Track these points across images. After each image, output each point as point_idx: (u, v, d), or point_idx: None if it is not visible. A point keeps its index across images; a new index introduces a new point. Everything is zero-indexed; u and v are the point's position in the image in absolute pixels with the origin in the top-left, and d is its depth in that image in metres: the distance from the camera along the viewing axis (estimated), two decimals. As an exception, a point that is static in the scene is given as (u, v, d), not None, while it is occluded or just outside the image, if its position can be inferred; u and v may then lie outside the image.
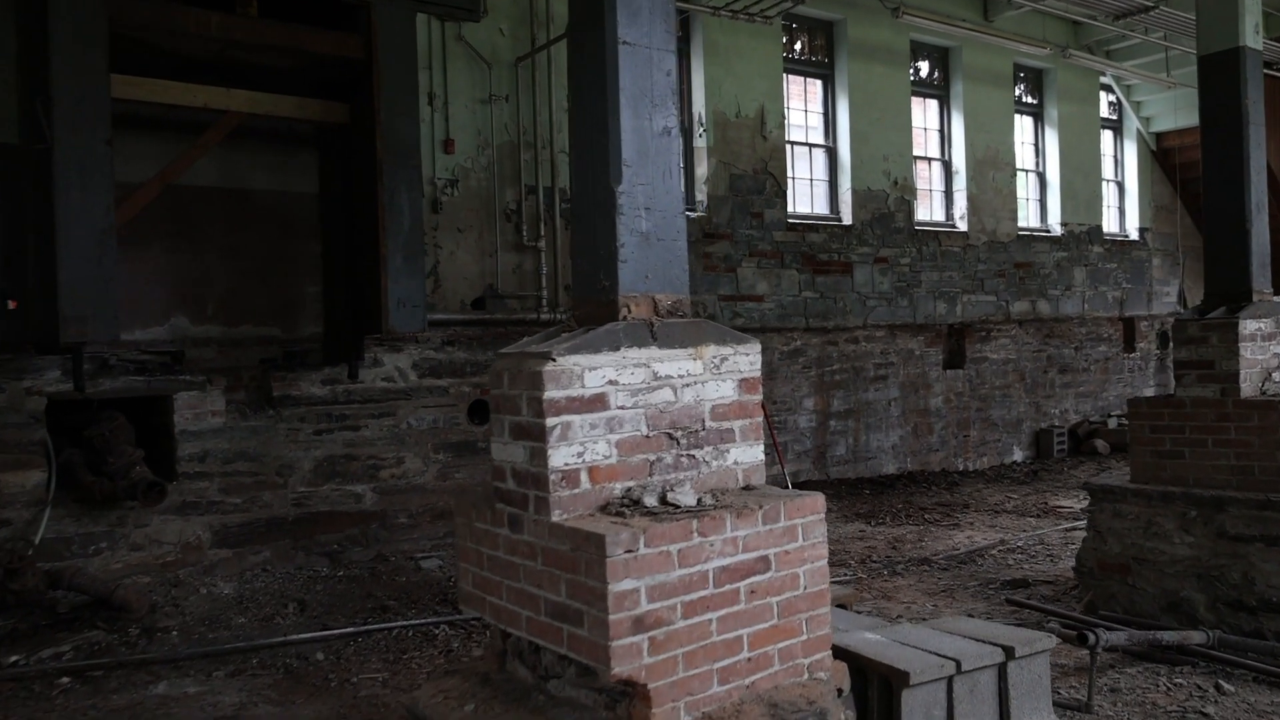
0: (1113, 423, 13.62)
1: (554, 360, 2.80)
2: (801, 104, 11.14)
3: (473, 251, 8.19)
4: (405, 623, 5.56)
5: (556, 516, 2.80)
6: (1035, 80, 13.90)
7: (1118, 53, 13.66)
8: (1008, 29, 12.10)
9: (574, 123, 3.22)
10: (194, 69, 6.28)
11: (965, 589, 6.56)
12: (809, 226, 10.69)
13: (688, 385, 3.08)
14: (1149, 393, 14.74)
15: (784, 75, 10.62)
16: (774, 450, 9.87)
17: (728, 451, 3.18)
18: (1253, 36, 5.76)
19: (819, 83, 11.24)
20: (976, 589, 6.55)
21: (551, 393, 2.79)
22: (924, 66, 12.47)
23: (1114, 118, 15.28)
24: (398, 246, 6.31)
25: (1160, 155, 15.45)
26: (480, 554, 3.12)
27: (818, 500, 3.10)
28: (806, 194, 11.09)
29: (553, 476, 2.79)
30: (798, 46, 11.10)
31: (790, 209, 10.65)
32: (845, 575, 6.99)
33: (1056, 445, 13.06)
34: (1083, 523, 7.60)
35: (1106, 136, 15.15)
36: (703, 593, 2.79)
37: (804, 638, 3.02)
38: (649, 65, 3.08)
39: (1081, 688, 4.67)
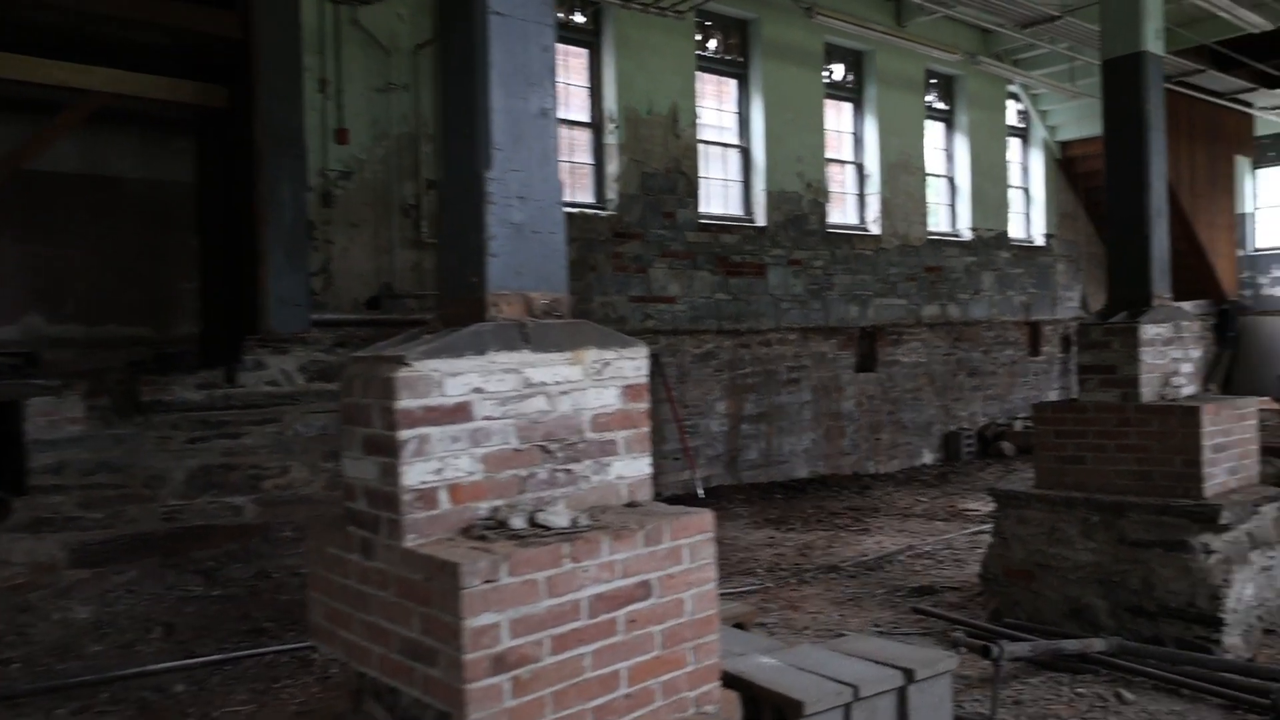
0: (1018, 425, 13.80)
1: (408, 365, 2.50)
2: (715, 103, 10.98)
3: (368, 248, 7.79)
4: (279, 647, 5.16)
5: (410, 541, 2.50)
6: (946, 87, 14.01)
7: (1025, 62, 13.85)
8: (920, 34, 12.14)
9: (442, 102, 2.92)
10: (55, 44, 5.76)
11: (873, 597, 6.43)
12: (722, 227, 10.52)
13: (565, 393, 2.81)
14: (1053, 395, 15.00)
15: (697, 73, 10.43)
16: (684, 455, 9.67)
17: (610, 465, 2.92)
18: (1154, 42, 5.74)
19: (733, 82, 11.09)
20: (884, 597, 6.42)
21: (406, 402, 2.49)
22: (838, 69, 12.43)
23: (1021, 126, 15.52)
24: (279, 241, 5.90)
25: (1065, 164, 15.74)
26: (331, 582, 2.80)
27: (704, 519, 2.86)
28: (720, 194, 10.92)
29: (406, 496, 2.49)
30: (711, 44, 10.93)
31: (703, 209, 10.47)
32: (753, 585, 6.80)
33: (965, 447, 13.16)
34: (990, 526, 7.57)
35: (1014, 144, 15.37)
36: (575, 624, 2.52)
37: (690, 668, 2.78)
38: (524, 39, 2.80)
39: (986, 700, 4.54)
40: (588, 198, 9.54)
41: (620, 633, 2.62)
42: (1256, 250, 19.44)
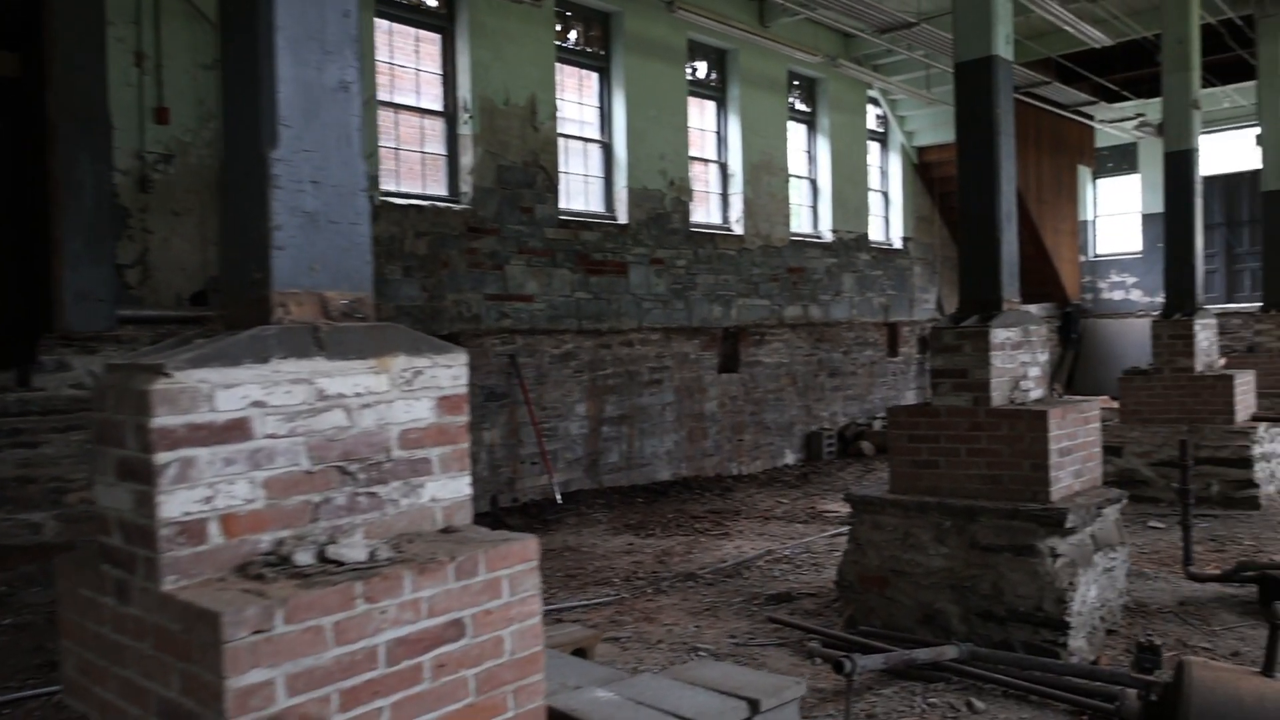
0: (878, 425, 14.04)
1: (168, 375, 2.10)
2: (577, 96, 10.69)
3: (193, 238, 7.16)
4: (69, 684, 4.59)
5: (169, 584, 2.11)
6: (808, 89, 14.13)
7: (884, 68, 14.10)
8: (783, 35, 12.15)
9: (224, 71, 2.52)
10: None
11: (730, 606, 6.26)
12: (583, 224, 10.24)
13: (368, 406, 2.46)
14: (910, 395, 15.35)
15: (557, 65, 10.12)
16: (542, 459, 9.35)
17: (422, 487, 2.59)
18: (1004, 47, 5.76)
19: (595, 76, 10.82)
20: (741, 605, 6.26)
21: (164, 419, 2.10)
22: (701, 67, 12.33)
23: (880, 130, 15.82)
24: (77, 228, 5.28)
25: (921, 168, 16.14)
26: (85, 629, 2.37)
27: (527, 546, 2.56)
28: (581, 190, 10.64)
29: (165, 530, 2.10)
30: (572, 36, 10.64)
31: (563, 205, 10.16)
32: (608, 596, 6.55)
33: (826, 447, 13.29)
34: (848, 529, 7.55)
35: (874, 148, 15.66)
36: (370, 674, 2.18)
37: (510, 714, 2.47)
38: (319, 1, 2.43)
39: (839, 715, 4.40)
40: (440, 190, 9.10)
41: (426, 680, 2.29)
42: (1097, 256, 20.47)
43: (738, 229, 12.46)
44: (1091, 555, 5.16)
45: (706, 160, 12.41)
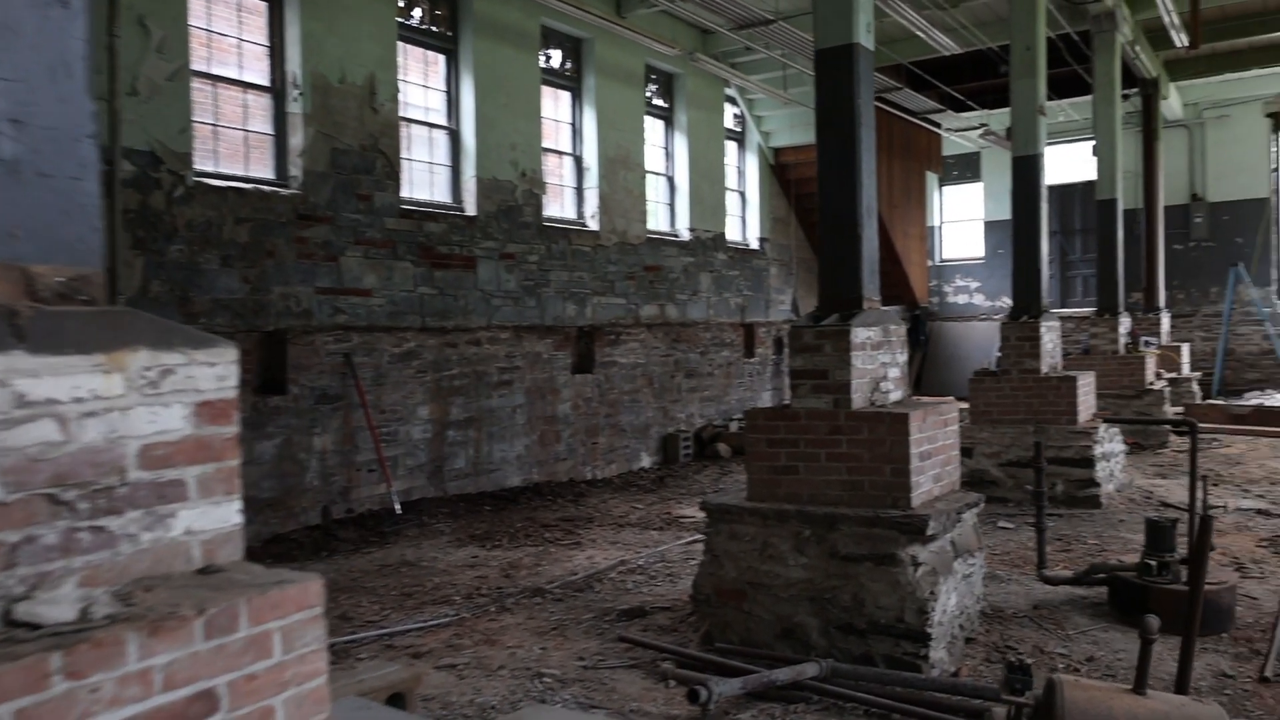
0: (735, 426, 13.91)
1: None
2: (421, 79, 10.04)
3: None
4: None
5: None
6: (666, 84, 13.87)
7: (742, 66, 13.98)
8: (640, 26, 11.82)
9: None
10: None
11: (579, 624, 5.83)
12: (427, 215, 9.61)
13: (93, 415, 1.89)
14: (766, 397, 15.31)
15: (400, 43, 9.46)
16: (380, 466, 8.69)
17: (173, 517, 2.03)
18: (865, 36, 5.54)
19: (441, 58, 10.20)
20: (591, 623, 5.84)
21: None
22: (556, 55, 11.87)
23: (738, 130, 15.75)
24: None
25: (778, 169, 16.17)
26: None
27: (309, 590, 2.05)
28: (425, 179, 10.01)
29: None
30: (416, 13, 9.99)
31: (406, 194, 9.51)
32: (446, 616, 6.01)
33: (683, 450, 13.05)
34: (704, 538, 7.25)
35: (731, 147, 15.57)
36: (74, 776, 1.63)
37: (283, 804, 1.95)
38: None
39: (694, 746, 4.04)
40: (266, 173, 8.31)
41: (161, 775, 1.75)
42: (943, 261, 21.11)
43: (593, 225, 12.06)
44: (952, 562, 4.98)
45: (561, 153, 11.97)
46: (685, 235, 13.86)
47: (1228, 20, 13.92)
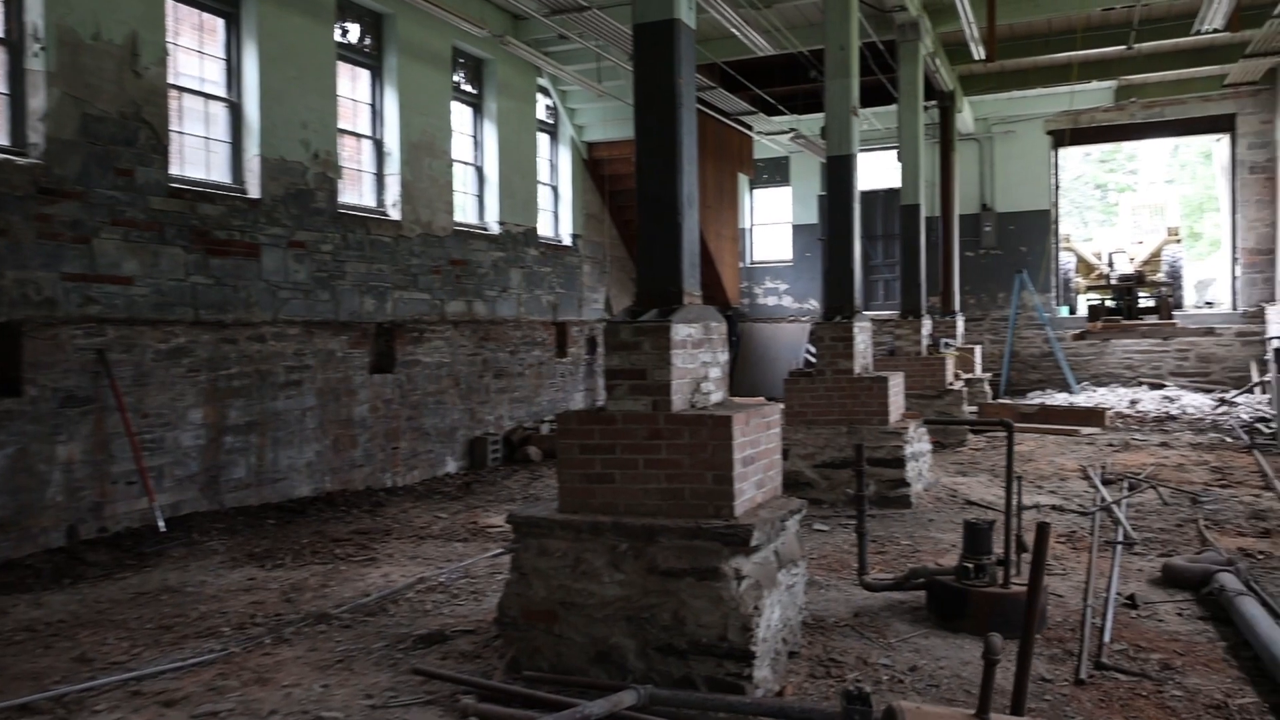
0: (546, 428, 13.42)
1: None
2: (196, 43, 8.98)
3: None
4: None
5: None
6: (475, 69, 13.21)
7: (556, 55, 13.51)
8: (448, 4, 11.12)
9: None
10: None
11: (369, 655, 5.16)
12: (202, 195, 8.58)
13: None
14: (579, 398, 14.90)
15: (169, 1, 8.39)
16: (141, 478, 7.64)
17: None
18: (687, 12, 5.17)
19: (220, 21, 9.16)
20: (383, 653, 5.18)
21: None
22: (354, 30, 11.00)
23: (550, 122, 15.27)
24: None
25: (592, 165, 15.80)
26: None
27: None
28: (201, 156, 8.95)
29: None
30: (191, -30, 8.93)
31: (176, 171, 8.45)
32: (210, 653, 5.19)
33: (491, 453, 12.43)
34: (510, 554, 6.72)
35: (544, 140, 15.08)
36: None
37: None
38: None
39: (496, 799, 3.50)
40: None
41: None
42: (753, 263, 21.42)
43: (394, 213, 11.26)
44: (776, 574, 4.67)
45: (360, 135, 11.10)
46: (495, 229, 13.25)
47: (1016, 39, 14.68)
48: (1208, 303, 19.76)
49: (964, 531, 4.95)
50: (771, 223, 21.69)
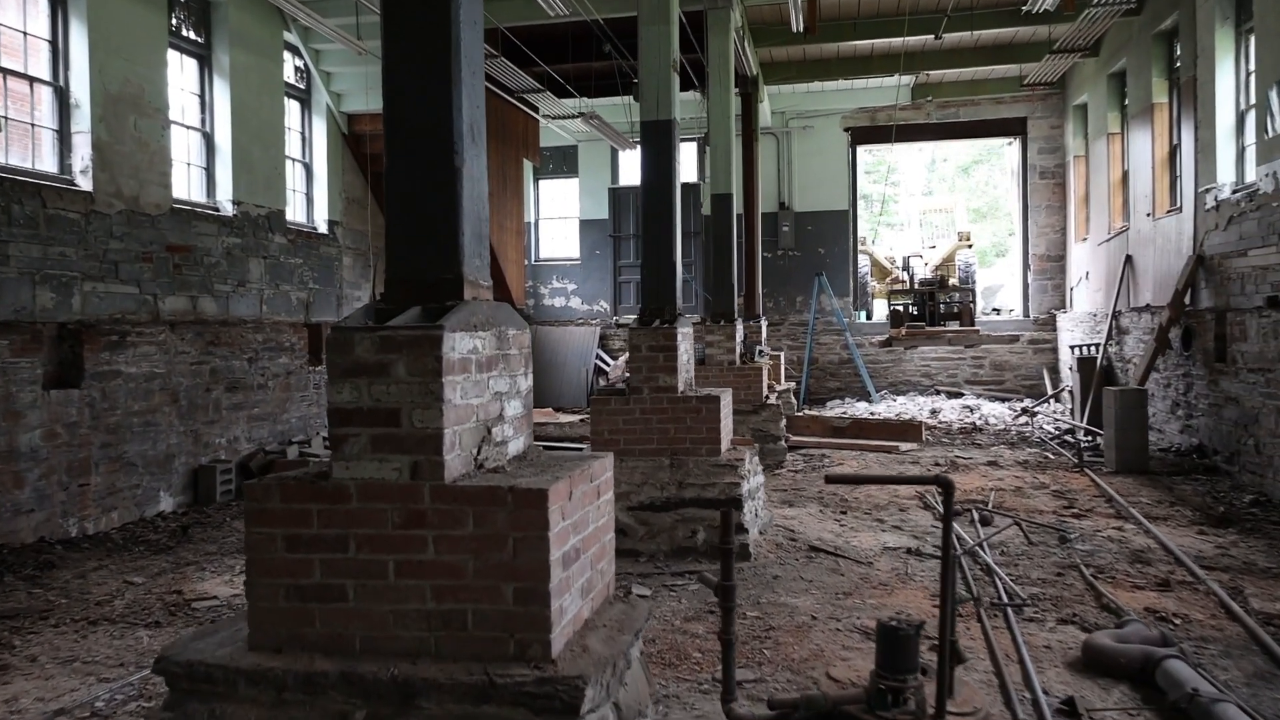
0: (293, 451, 11.07)
1: None
2: None
3: None
4: None
5: None
6: (201, 11, 10.67)
7: (307, 3, 11.14)
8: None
9: None
10: None
11: None
12: None
13: None
14: (337, 413, 12.58)
15: None
16: None
17: None
18: None
19: None
20: None
21: None
22: (21, -65, 8.31)
23: (301, 87, 12.85)
24: None
25: (352, 140, 13.49)
26: None
27: None
28: None
29: None
30: None
31: None
32: None
33: (221, 486, 9.97)
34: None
35: (293, 108, 12.65)
36: None
37: None
38: None
39: None
40: None
41: None
42: (539, 261, 19.60)
43: (84, 183, 8.65)
44: (614, 738, 2.91)
45: (31, 78, 8.41)
46: (229, 209, 10.75)
47: (824, 22, 13.70)
48: (995, 309, 19.86)
49: (879, 640, 3.38)
50: (558, 217, 19.97)
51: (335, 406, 2.80)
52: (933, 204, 22.12)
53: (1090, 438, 12.39)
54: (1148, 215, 12.82)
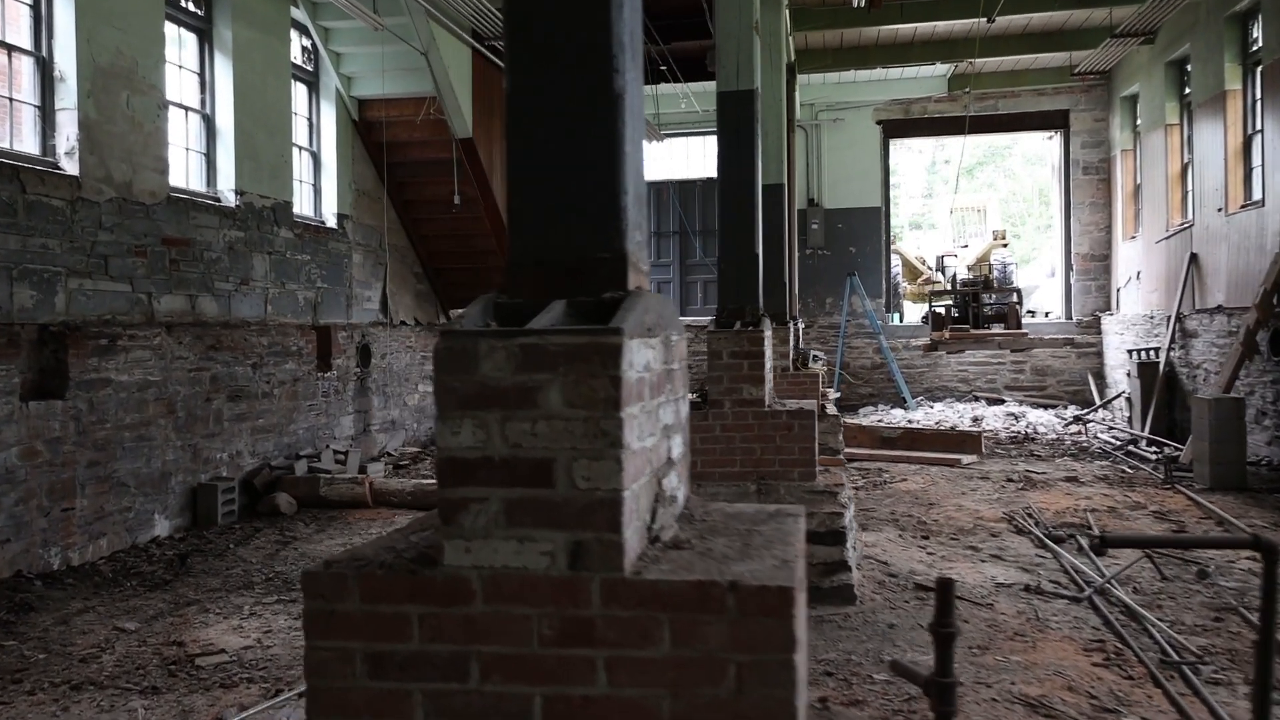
0: (302, 466, 10.06)
1: None
2: None
3: None
4: None
5: None
6: (201, -21, 9.66)
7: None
8: None
9: None
10: None
11: None
12: None
13: None
14: (348, 422, 11.57)
15: None
16: None
17: None
18: None
19: None
20: None
21: None
22: (-2, -117, 7.30)
23: (309, 68, 11.85)
24: None
25: (365, 128, 12.48)
26: None
27: None
28: None
29: None
30: None
31: None
32: None
33: (224, 506, 8.96)
34: (276, 702, 3.64)
35: (301, 92, 11.64)
36: None
37: None
38: None
39: None
40: None
41: None
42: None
43: (70, 166, 7.64)
44: None
45: (10, 46, 7.40)
46: (231, 199, 9.74)
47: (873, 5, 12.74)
48: (1029, 311, 18.95)
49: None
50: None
51: (449, 454, 1.81)
52: (961, 202, 21.18)
53: (1156, 449, 11.48)
54: (1219, 210, 11.91)
